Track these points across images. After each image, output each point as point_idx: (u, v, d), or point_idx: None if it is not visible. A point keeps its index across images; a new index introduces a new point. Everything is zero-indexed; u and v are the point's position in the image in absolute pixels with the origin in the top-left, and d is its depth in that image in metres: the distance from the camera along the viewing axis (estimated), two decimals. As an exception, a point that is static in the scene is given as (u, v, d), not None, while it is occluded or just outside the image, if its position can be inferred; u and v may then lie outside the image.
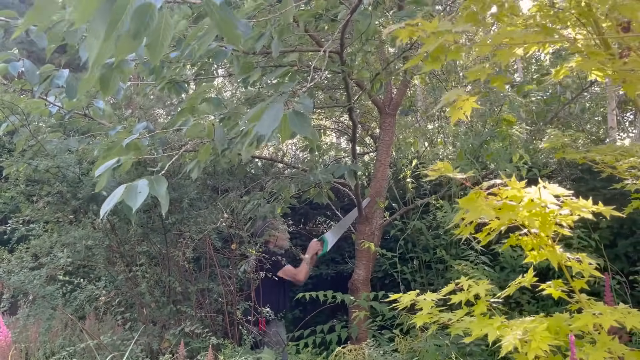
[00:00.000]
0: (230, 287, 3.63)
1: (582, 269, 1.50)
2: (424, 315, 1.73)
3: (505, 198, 1.41)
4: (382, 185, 4.52)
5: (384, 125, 4.54)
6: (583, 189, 4.36)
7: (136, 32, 1.11)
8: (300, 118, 1.64)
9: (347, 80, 3.23)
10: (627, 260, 4.15)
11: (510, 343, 1.35)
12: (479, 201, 1.37)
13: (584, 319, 1.38)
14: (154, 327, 3.39)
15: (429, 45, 1.12)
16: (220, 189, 4.17)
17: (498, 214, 1.39)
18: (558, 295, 1.60)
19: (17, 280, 2.92)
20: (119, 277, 3.32)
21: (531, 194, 1.41)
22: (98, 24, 1.08)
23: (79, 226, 3.34)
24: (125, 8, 1.17)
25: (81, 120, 3.87)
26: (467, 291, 1.65)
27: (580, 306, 1.52)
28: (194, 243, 3.42)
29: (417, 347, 3.11)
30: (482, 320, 1.56)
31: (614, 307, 1.45)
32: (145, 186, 2.05)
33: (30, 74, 2.93)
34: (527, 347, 1.35)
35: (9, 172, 3.45)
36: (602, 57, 1.37)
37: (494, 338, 1.46)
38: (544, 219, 1.42)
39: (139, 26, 1.11)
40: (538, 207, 1.40)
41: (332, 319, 4.80)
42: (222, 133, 2.41)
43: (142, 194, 2.03)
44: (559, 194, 1.44)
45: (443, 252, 4.28)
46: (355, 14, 2.81)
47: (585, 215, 1.43)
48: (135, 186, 2.04)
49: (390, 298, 1.90)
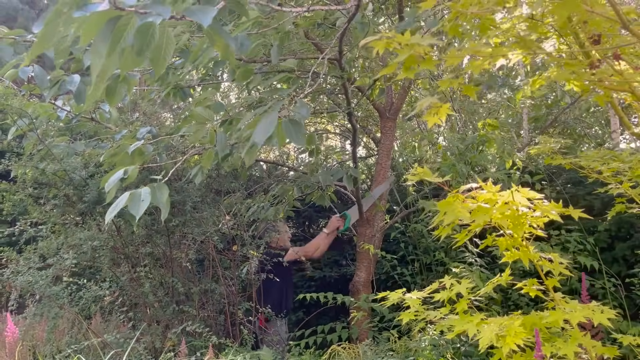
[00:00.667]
0: (232, 287, 3.72)
1: (552, 268, 1.57)
2: (410, 312, 1.80)
3: (481, 201, 1.49)
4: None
5: (384, 129, 4.61)
6: (581, 192, 4.40)
7: (139, 49, 1.20)
8: (295, 126, 1.72)
9: (346, 86, 3.31)
10: (625, 263, 4.19)
11: (486, 338, 1.43)
12: (456, 204, 1.45)
13: (555, 315, 1.45)
14: (157, 326, 3.48)
15: (401, 56, 1.21)
16: (223, 191, 4.26)
17: (473, 216, 1.47)
18: (534, 294, 1.67)
19: (24, 281, 3.03)
20: (124, 277, 3.42)
21: (504, 197, 1.49)
22: (100, 44, 1.17)
23: (85, 228, 3.45)
24: (126, 28, 1.26)
25: (88, 123, 3.98)
26: (449, 289, 1.73)
27: (554, 304, 1.59)
28: (197, 245, 3.51)
29: (413, 347, 3.18)
30: (463, 317, 1.63)
31: (586, 305, 1.52)
32: (147, 194, 2.14)
33: (40, 79, 3.03)
34: (502, 341, 1.42)
35: (16, 175, 3.56)
36: (575, 67, 1.44)
37: (473, 334, 1.53)
38: (517, 221, 1.50)
39: (142, 44, 1.20)
40: (510, 209, 1.47)
41: (335, 320, 4.87)
42: (223, 139, 2.51)
43: (144, 202, 2.12)
44: (531, 197, 1.52)
45: (443, 255, 4.34)
46: (353, 21, 2.89)
47: (554, 217, 1.51)
48: (138, 194, 2.13)
49: (378, 296, 1.97)
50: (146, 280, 3.30)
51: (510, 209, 1.47)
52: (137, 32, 1.25)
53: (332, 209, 5.25)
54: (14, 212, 3.52)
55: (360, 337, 4.19)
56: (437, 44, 1.24)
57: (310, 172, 3.92)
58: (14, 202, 3.43)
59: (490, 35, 1.70)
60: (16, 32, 2.32)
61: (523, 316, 1.55)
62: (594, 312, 1.43)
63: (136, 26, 1.25)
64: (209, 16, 1.23)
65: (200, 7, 1.25)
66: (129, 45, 1.24)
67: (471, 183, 1.62)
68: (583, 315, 1.41)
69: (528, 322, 1.51)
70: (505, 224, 1.49)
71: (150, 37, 1.22)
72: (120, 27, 1.27)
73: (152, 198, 2.08)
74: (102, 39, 1.18)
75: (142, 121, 3.90)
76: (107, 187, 2.41)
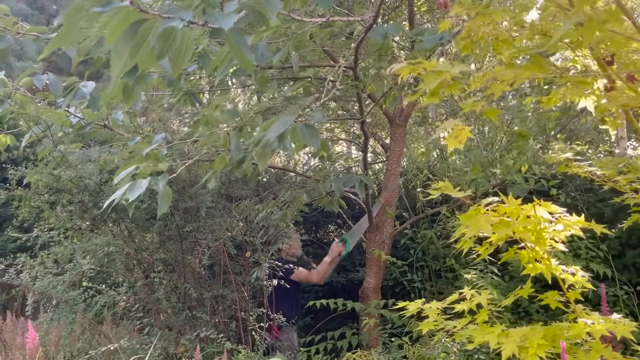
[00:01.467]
0: (244, 293, 3.73)
1: (574, 281, 1.58)
2: (430, 322, 1.82)
3: (503, 214, 1.51)
4: (392, 194, 4.61)
5: (394, 136, 4.63)
6: (592, 199, 4.41)
7: (160, 52, 1.23)
8: (310, 130, 1.74)
9: (360, 95, 3.34)
10: (636, 270, 4.18)
11: (509, 349, 1.44)
12: (478, 217, 1.47)
13: (577, 328, 1.46)
14: (170, 332, 3.50)
15: (429, 82, 1.23)
16: (234, 197, 4.29)
17: (495, 229, 1.48)
18: (555, 305, 1.68)
19: (41, 286, 3.06)
20: (138, 283, 3.45)
21: (526, 211, 1.51)
22: (123, 45, 1.21)
23: (99, 234, 3.48)
24: (150, 32, 1.29)
25: (101, 130, 4.01)
26: (469, 300, 1.74)
27: (575, 316, 1.61)
28: (210, 251, 3.53)
29: (425, 354, 3.19)
30: (484, 328, 1.65)
31: (607, 317, 1.54)
32: (145, 182, 2.21)
33: (54, 87, 3.06)
34: (524, 353, 1.43)
35: (29, 180, 3.60)
36: (590, 86, 1.45)
37: (495, 345, 1.55)
38: (539, 235, 1.51)
39: (163, 47, 1.23)
40: (532, 223, 1.49)
41: (342, 326, 4.88)
42: (237, 142, 2.53)
43: (141, 188, 2.19)
44: (553, 210, 1.53)
45: (452, 261, 4.35)
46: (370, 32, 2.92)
47: (576, 232, 1.52)
48: (138, 182, 2.21)
49: (398, 306, 1.99)
50: (160, 286, 3.32)
51: (532, 222, 1.49)
52: (160, 35, 1.28)
53: (340, 215, 5.27)
54: (29, 217, 3.56)
55: (370, 343, 4.20)
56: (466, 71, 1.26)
57: (322, 179, 3.93)
58: (31, 209, 3.46)
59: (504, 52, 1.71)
60: (38, 29, 2.35)
61: (544, 327, 1.57)
62: (617, 325, 1.44)
63: (159, 30, 1.27)
64: (230, 21, 1.25)
65: (222, 13, 1.28)
66: (150, 47, 1.27)
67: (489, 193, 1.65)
68: (606, 327, 1.43)
69: (549, 333, 1.52)
70: (528, 237, 1.51)
71: (172, 41, 1.25)
72: (143, 30, 1.29)
73: (151, 184, 2.13)
74: (125, 40, 1.21)
75: (156, 128, 3.93)
76: (116, 180, 2.45)
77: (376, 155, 6.32)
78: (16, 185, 3.56)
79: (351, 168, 6.23)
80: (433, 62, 1.24)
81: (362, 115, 3.56)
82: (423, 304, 1.87)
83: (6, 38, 2.18)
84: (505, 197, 1.53)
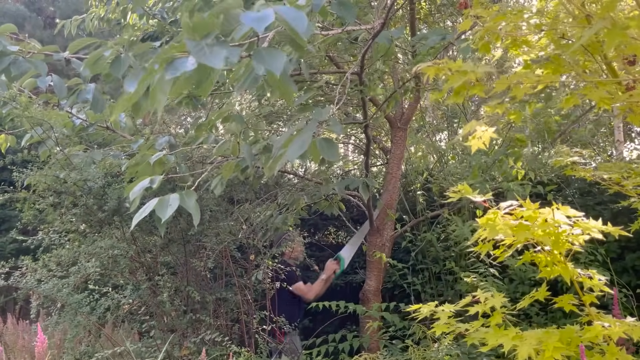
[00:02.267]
0: (247, 296, 3.74)
1: (592, 285, 1.61)
2: (441, 325, 1.84)
3: (521, 218, 1.53)
4: (393, 197, 4.63)
5: (395, 139, 4.65)
6: (591, 202, 4.45)
7: (198, 82, 1.23)
8: (329, 145, 1.75)
9: (365, 100, 3.36)
10: (635, 273, 4.23)
11: (525, 352, 1.46)
12: (497, 221, 1.49)
13: (594, 331, 1.48)
14: (171, 335, 3.50)
15: (454, 82, 1.25)
16: (235, 200, 4.29)
17: (514, 233, 1.50)
18: (569, 308, 1.71)
19: (46, 289, 3.05)
20: (143, 286, 3.45)
21: (545, 215, 1.53)
22: (166, 81, 1.20)
23: (103, 237, 3.47)
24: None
25: (103, 132, 4.01)
26: (483, 303, 1.76)
27: (590, 319, 1.63)
28: (215, 254, 3.54)
29: (429, 357, 3.20)
30: (497, 331, 1.67)
31: (622, 320, 1.56)
32: (176, 199, 2.18)
33: (59, 88, 3.05)
34: (540, 356, 1.45)
35: (29, 182, 3.59)
36: (609, 87, 1.48)
37: (509, 348, 1.57)
38: (557, 238, 1.54)
39: (201, 78, 1.23)
40: (551, 226, 1.51)
41: (341, 329, 4.89)
42: (249, 150, 2.54)
43: (172, 207, 2.17)
44: (571, 215, 1.56)
45: (452, 264, 4.38)
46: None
47: (596, 235, 1.54)
48: (166, 199, 2.18)
49: (410, 308, 2.01)
50: (164, 289, 3.32)
51: (551, 225, 1.51)
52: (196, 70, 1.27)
53: (339, 217, 5.28)
54: (34, 221, 3.55)
55: (371, 346, 4.21)
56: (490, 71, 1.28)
57: (325, 182, 3.95)
58: (35, 212, 3.45)
59: (521, 53, 1.74)
60: (49, 49, 2.35)
61: (560, 330, 1.59)
62: (632, 328, 1.46)
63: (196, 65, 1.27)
64: (280, 63, 1.24)
65: (269, 51, 1.26)
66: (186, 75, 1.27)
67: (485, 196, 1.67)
68: (623, 330, 1.45)
69: (565, 336, 1.54)
70: (547, 241, 1.53)
71: (209, 74, 1.25)
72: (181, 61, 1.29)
73: (181, 203, 2.12)
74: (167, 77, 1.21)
75: (156, 130, 3.93)
76: (131, 195, 2.44)
77: (375, 158, 6.34)
78: (21, 187, 3.55)
79: (350, 171, 6.25)
80: (458, 63, 1.26)
81: (366, 119, 3.58)
82: (435, 307, 1.89)
83: (19, 60, 2.18)
84: (523, 202, 1.55)
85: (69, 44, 2.34)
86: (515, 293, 3.99)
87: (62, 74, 4.21)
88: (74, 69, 2.82)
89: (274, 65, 1.23)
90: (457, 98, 1.33)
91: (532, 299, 1.78)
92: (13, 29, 2.19)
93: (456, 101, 1.36)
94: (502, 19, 1.66)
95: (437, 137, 6.63)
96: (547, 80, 1.34)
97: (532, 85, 1.29)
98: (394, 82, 4.64)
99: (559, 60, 1.65)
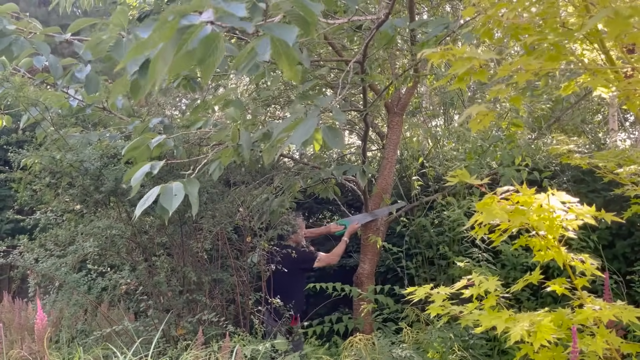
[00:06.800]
0: (243, 278, 3.78)
1: (585, 269, 1.65)
2: (436, 307, 1.87)
3: (517, 203, 1.56)
4: (388, 182, 4.66)
5: (391, 124, 4.67)
6: (584, 190, 4.49)
7: (202, 58, 1.22)
8: (334, 133, 1.76)
9: (365, 88, 3.37)
10: (625, 260, 4.30)
11: (518, 333, 1.50)
12: (494, 205, 1.52)
13: (585, 314, 1.52)
14: (167, 314, 3.54)
15: (458, 68, 1.26)
16: (231, 182, 4.31)
17: (510, 217, 1.53)
18: (560, 292, 1.75)
19: (44, 267, 3.07)
20: (140, 267, 3.47)
21: (540, 200, 1.56)
22: (168, 51, 1.20)
23: (100, 217, 3.49)
24: (191, 36, 1.28)
25: (100, 113, 4.00)
26: (478, 286, 1.80)
27: (581, 302, 1.67)
28: (212, 235, 3.56)
29: (422, 339, 3.27)
30: (491, 313, 1.71)
31: (612, 304, 1.60)
32: (180, 189, 2.15)
33: (54, 68, 3.03)
34: (532, 337, 1.49)
35: (26, 163, 3.58)
36: (608, 75, 1.50)
37: (502, 329, 1.61)
38: (552, 223, 1.57)
39: (205, 53, 1.22)
40: (546, 212, 1.54)
41: (334, 311, 4.94)
42: (248, 137, 2.55)
43: (177, 197, 2.14)
44: (566, 200, 1.59)
45: (446, 249, 4.43)
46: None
47: (589, 221, 1.58)
48: (170, 188, 2.14)
49: (406, 291, 2.04)
50: (161, 270, 3.35)
51: (546, 211, 1.54)
52: (202, 41, 1.26)
53: (334, 201, 5.30)
54: (31, 202, 3.55)
55: (364, 328, 4.27)
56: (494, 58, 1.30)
57: (323, 166, 3.97)
58: (31, 193, 3.45)
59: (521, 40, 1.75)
60: (52, 30, 2.34)
61: (552, 313, 1.63)
62: (622, 311, 1.50)
63: (201, 36, 1.26)
64: (293, 34, 1.23)
65: (280, 25, 1.26)
66: (188, 50, 1.26)
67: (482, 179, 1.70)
68: (613, 313, 1.49)
69: (557, 319, 1.58)
70: (542, 225, 1.56)
71: (214, 47, 1.24)
72: (187, 35, 1.28)
73: (185, 192, 2.11)
74: (171, 46, 1.21)
75: (155, 112, 3.93)
76: (133, 181, 2.44)
77: (371, 143, 6.36)
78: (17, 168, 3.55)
79: (345, 156, 6.26)
80: (463, 49, 1.28)
81: (366, 106, 3.60)
82: (431, 289, 1.93)
83: (20, 40, 2.16)
84: (519, 187, 1.58)
85: (63, 22, 2.33)
86: (507, 278, 4.05)
87: (56, 52, 4.18)
88: (67, 46, 2.81)
89: (287, 35, 1.23)
90: (460, 84, 1.35)
91: (526, 282, 1.81)
92: (14, 9, 2.18)
93: (460, 86, 1.38)
94: (503, 6, 1.67)
95: (433, 123, 6.65)
96: (548, 67, 1.36)
97: (533, 71, 1.31)
98: (391, 69, 4.64)
99: (559, 47, 1.67)
